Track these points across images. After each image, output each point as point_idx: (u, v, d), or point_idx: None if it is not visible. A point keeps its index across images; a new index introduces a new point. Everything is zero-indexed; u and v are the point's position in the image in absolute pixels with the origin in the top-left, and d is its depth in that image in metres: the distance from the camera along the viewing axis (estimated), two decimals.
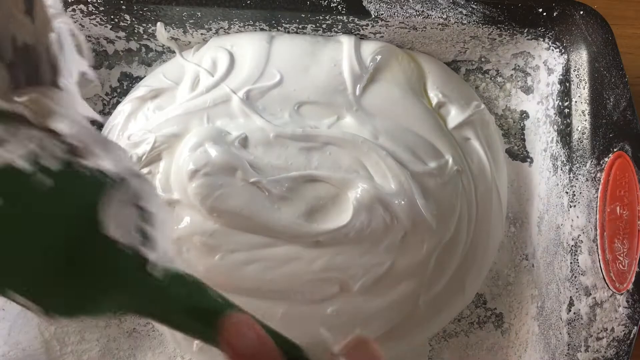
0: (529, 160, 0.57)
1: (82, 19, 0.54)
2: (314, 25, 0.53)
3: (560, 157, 0.51)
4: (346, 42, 0.54)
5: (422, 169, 0.51)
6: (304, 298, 0.51)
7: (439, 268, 0.51)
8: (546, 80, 0.54)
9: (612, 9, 0.60)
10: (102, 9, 0.52)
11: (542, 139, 0.55)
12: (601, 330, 0.46)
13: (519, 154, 0.57)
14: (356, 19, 0.52)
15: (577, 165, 0.49)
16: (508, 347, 0.55)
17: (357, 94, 0.53)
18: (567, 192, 0.50)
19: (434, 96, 0.55)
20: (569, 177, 0.49)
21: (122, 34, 0.56)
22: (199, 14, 0.53)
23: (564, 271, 0.49)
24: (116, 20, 0.54)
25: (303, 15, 0.52)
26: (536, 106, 0.56)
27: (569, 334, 0.48)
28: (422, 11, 0.50)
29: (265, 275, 0.50)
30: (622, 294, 0.46)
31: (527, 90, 0.57)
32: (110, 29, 0.55)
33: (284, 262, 0.51)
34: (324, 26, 0.53)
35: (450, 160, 0.52)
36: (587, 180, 0.48)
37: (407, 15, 0.51)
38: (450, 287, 0.52)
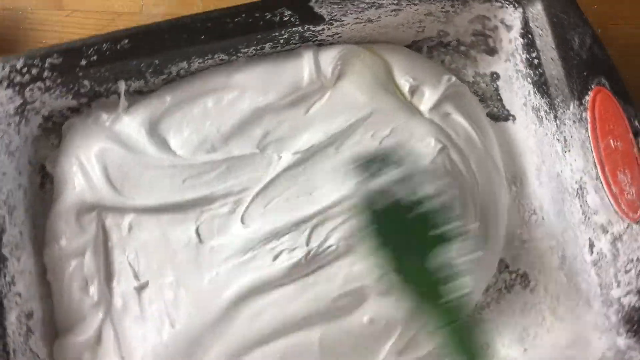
0: (511, 118, 0.58)
1: (41, 96, 0.53)
2: (271, 43, 0.53)
3: (542, 107, 0.52)
4: (305, 57, 0.54)
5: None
6: (336, 315, 0.51)
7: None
8: (507, 38, 0.55)
9: (611, 8, 0.61)
10: (59, 81, 0.52)
11: (518, 94, 0.56)
12: (627, 263, 0.46)
13: (500, 115, 0.58)
14: (311, 27, 0.52)
15: (561, 110, 0.49)
16: (540, 304, 0.55)
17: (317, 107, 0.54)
18: (558, 139, 0.50)
19: (405, 82, 0.55)
20: (556, 124, 0.50)
21: (84, 99, 0.55)
22: (156, 61, 0.52)
23: (576, 215, 0.50)
24: (76, 88, 0.53)
25: (259, 36, 0.52)
26: (504, 64, 0.57)
27: (597, 274, 0.48)
28: (374, 2, 0.51)
29: (286, 310, 0.51)
30: (638, 223, 0.46)
31: (491, 52, 0.58)
32: (72, 98, 0.54)
33: (301, 293, 0.51)
34: (281, 41, 0.53)
35: (433, 142, 0.53)
36: (574, 122, 0.48)
37: (360, 9, 0.51)
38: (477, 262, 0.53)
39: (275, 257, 0.51)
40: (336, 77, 0.54)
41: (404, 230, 0.46)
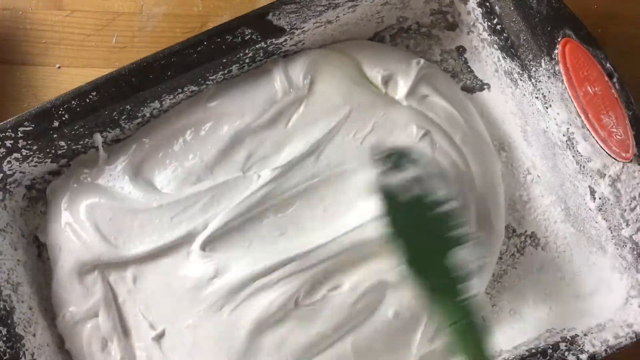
0: (486, 87, 0.58)
1: (20, 166, 0.52)
2: (237, 65, 0.53)
3: (514, 70, 0.52)
4: (274, 72, 0.54)
5: None
6: (360, 318, 0.51)
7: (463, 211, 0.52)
8: (465, 10, 0.55)
9: (612, 8, 0.61)
10: (35, 147, 0.51)
11: (488, 62, 0.56)
12: (631, 200, 0.47)
13: (475, 86, 0.59)
14: (274, 40, 0.52)
15: (533, 69, 0.50)
16: (555, 259, 0.56)
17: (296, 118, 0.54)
18: (536, 97, 0.51)
19: (376, 75, 0.56)
20: (532, 83, 0.50)
21: (63, 160, 0.54)
22: (128, 107, 0.52)
23: (571, 166, 0.50)
24: (53, 150, 0.52)
25: (224, 60, 0.52)
26: (467, 37, 0.57)
27: (604, 219, 0.49)
28: (329, 3, 0.51)
29: (309, 332, 0.51)
30: (632, 160, 0.47)
31: (452, 27, 0.58)
32: (51, 162, 0.54)
33: (317, 312, 0.51)
34: (247, 61, 0.53)
35: (415, 129, 0.53)
36: (549, 77, 0.49)
37: (317, 13, 0.51)
38: (484, 228, 0.54)
39: (276, 287, 0.51)
40: (309, 85, 0.54)
41: (424, 225, 0.48)
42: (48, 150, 0.52)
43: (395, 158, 0.49)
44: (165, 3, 0.47)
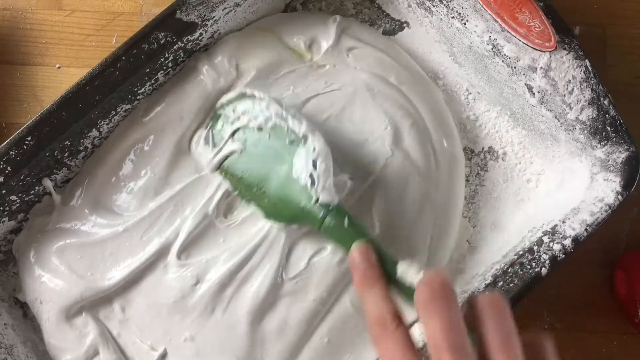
0: (405, 25, 0.59)
1: None
2: (162, 71, 0.53)
3: None
4: (199, 67, 0.54)
5: None
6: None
7: (422, 150, 0.54)
8: None
9: (612, 8, 0.61)
10: None
11: (399, 1, 0.57)
12: (567, 84, 0.48)
13: (394, 27, 0.60)
14: (189, 37, 0.52)
15: None
16: (517, 165, 0.57)
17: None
18: (453, 17, 0.52)
19: (298, 42, 0.56)
20: (444, 4, 0.52)
21: (20, 215, 0.54)
22: (67, 143, 0.51)
23: (503, 72, 0.52)
24: (7, 208, 0.52)
25: (147, 70, 0.52)
26: None
27: (548, 110, 0.50)
28: None
29: (305, 305, 0.51)
30: (556, 48, 0.48)
31: None
32: (8, 220, 0.53)
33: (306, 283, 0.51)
34: (169, 65, 0.53)
35: (351, 89, 0.54)
36: None
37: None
38: (447, 161, 0.55)
39: (257, 272, 0.51)
40: (235, 68, 0.54)
41: (262, 158, 0.51)
42: (2, 208, 0.51)
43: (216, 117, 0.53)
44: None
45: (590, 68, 0.48)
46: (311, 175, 0.47)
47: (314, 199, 0.47)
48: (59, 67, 0.61)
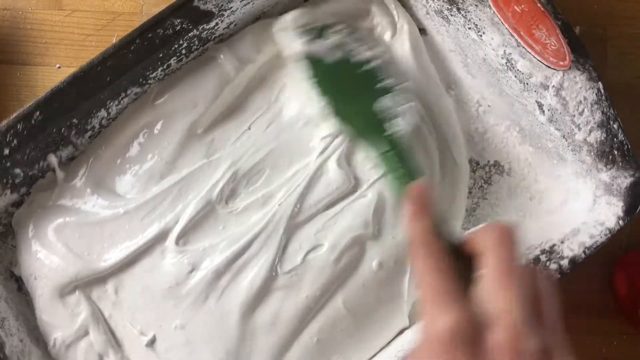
0: (422, 32, 0.59)
1: None
2: (175, 58, 0.53)
3: (443, 7, 0.53)
4: (220, 56, 0.54)
5: None
6: (345, 275, 0.52)
7: (427, 159, 0.54)
8: None
9: (612, 8, 0.61)
10: None
11: (417, 7, 0.57)
12: (578, 105, 0.48)
13: None
14: (205, 25, 0.52)
15: (460, 1, 0.51)
16: (522, 181, 0.57)
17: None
18: (469, 28, 0.52)
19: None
20: (462, 15, 0.52)
21: (23, 189, 0.54)
22: (75, 121, 0.51)
23: (515, 87, 0.52)
24: (10, 180, 0.52)
25: (161, 55, 0.52)
26: None
27: (557, 129, 0.50)
28: None
29: (298, 300, 0.51)
30: (570, 67, 0.48)
31: None
32: (11, 193, 0.53)
33: (300, 279, 0.52)
34: (183, 52, 0.53)
35: None
36: (476, 6, 0.50)
37: None
38: (449, 168, 0.55)
39: (253, 263, 0.51)
40: (258, 55, 0.54)
41: (350, 82, 0.54)
42: (5, 181, 0.52)
43: (319, 29, 0.53)
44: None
45: (602, 90, 0.48)
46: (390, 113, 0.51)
47: (391, 130, 0.51)
48: (59, 67, 0.61)
